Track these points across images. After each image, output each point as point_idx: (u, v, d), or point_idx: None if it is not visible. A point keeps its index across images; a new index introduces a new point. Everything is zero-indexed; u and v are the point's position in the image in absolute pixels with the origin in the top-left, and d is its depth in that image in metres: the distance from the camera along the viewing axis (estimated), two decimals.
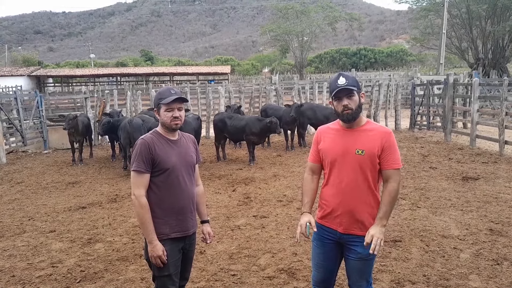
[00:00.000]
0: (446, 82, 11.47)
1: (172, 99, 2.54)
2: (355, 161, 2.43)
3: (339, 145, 2.49)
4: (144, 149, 2.50)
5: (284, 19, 49.32)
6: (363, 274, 2.54)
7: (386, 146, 2.42)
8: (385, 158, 2.42)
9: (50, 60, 77.96)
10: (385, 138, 2.43)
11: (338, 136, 2.53)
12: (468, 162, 8.64)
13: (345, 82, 2.41)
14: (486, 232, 4.78)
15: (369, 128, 2.49)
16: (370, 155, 2.41)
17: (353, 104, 2.42)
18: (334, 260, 2.61)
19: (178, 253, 2.62)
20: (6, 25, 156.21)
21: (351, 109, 2.42)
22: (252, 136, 9.13)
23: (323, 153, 2.58)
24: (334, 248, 2.57)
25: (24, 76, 37.30)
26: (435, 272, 3.86)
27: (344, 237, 2.51)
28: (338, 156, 2.48)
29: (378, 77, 29.35)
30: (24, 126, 11.61)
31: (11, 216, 6.10)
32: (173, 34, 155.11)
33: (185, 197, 2.63)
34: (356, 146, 2.43)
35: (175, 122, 2.58)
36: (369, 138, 2.44)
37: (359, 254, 2.47)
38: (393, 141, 2.45)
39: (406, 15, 50.70)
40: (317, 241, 2.63)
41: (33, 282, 3.99)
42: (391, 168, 2.43)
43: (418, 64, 53.39)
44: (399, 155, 2.49)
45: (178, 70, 41.67)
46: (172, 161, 2.56)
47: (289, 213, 5.73)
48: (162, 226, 2.55)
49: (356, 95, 2.43)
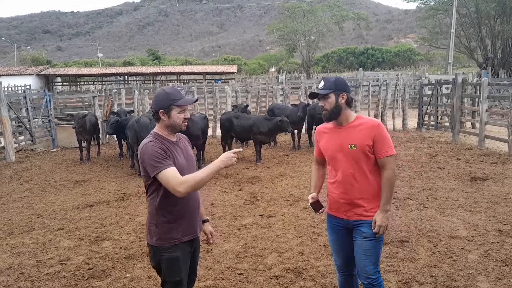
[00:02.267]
0: (455, 82, 11.37)
1: (192, 101, 2.59)
2: (350, 156, 2.65)
3: (334, 143, 2.72)
4: (156, 149, 2.41)
5: (291, 19, 49.25)
6: (369, 257, 2.67)
7: (377, 137, 2.61)
8: (378, 148, 2.62)
9: (59, 59, 78.59)
10: (374, 130, 2.62)
11: (332, 134, 2.76)
12: (477, 162, 8.57)
13: (322, 85, 2.71)
14: (494, 233, 4.74)
15: (358, 123, 2.69)
16: (362, 149, 2.62)
17: (328, 105, 2.67)
18: (349, 244, 2.80)
19: (188, 256, 2.60)
20: (15, 25, 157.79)
21: (327, 110, 2.69)
22: (260, 135, 9.14)
23: (323, 151, 2.84)
24: (345, 234, 2.79)
25: (33, 75, 37.73)
26: (442, 273, 3.84)
27: (350, 223, 2.73)
28: (334, 153, 2.72)
29: (385, 76, 29.21)
30: (33, 125, 11.72)
31: (20, 213, 6.17)
32: (180, 34, 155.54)
33: (194, 198, 2.60)
34: (349, 142, 2.65)
35: (185, 123, 2.56)
36: (359, 133, 2.64)
37: (363, 233, 2.67)
38: (383, 132, 2.64)
39: (414, 14, 50.26)
40: (330, 229, 2.90)
41: (42, 279, 4.03)
42: (384, 156, 2.62)
43: (426, 63, 53.06)
44: (390, 143, 2.66)
45: (185, 70, 41.84)
46: (180, 162, 2.50)
47: (295, 212, 5.73)
48: (174, 230, 2.50)
49: (331, 97, 2.66)
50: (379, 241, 2.70)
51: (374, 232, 2.61)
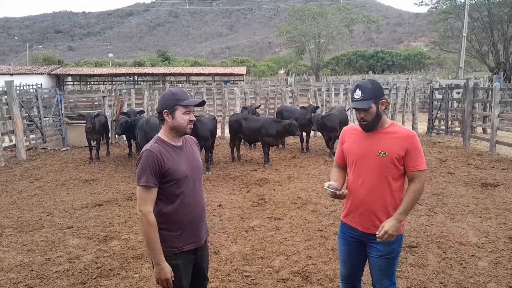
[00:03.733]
0: (466, 86, 11.26)
1: (197, 101, 2.45)
2: (377, 163, 2.48)
3: (362, 146, 2.55)
4: (152, 162, 2.31)
5: (301, 21, 49.21)
6: (385, 272, 2.57)
7: (410, 148, 2.45)
8: (410, 161, 2.47)
9: (70, 59, 79.38)
10: (408, 140, 2.47)
11: (362, 137, 2.58)
12: (488, 168, 8.47)
13: (360, 96, 2.48)
14: (505, 240, 4.68)
15: (393, 130, 2.53)
16: (392, 158, 2.45)
17: (369, 116, 2.49)
18: (358, 257, 2.68)
19: (190, 263, 2.51)
20: (27, 24, 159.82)
21: (367, 121, 2.51)
22: (268, 137, 9.13)
23: (346, 153, 2.67)
24: (357, 245, 2.65)
25: (44, 75, 38.20)
26: (452, 280, 3.79)
27: (364, 235, 2.58)
28: (360, 157, 2.55)
29: (395, 80, 29.02)
30: (43, 124, 11.84)
31: (30, 211, 6.23)
32: (190, 35, 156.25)
33: (197, 206, 2.50)
34: (379, 148, 2.48)
35: (190, 126, 2.45)
36: (392, 141, 2.48)
37: (380, 252, 2.52)
38: (417, 144, 2.49)
39: (425, 18, 49.94)
40: (341, 238, 2.75)
41: (51, 277, 4.06)
42: (416, 170, 2.47)
43: (436, 67, 52.59)
44: (423, 157, 2.52)
45: (195, 71, 42.04)
46: (183, 170, 2.40)
47: (303, 215, 5.71)
48: (175, 240, 2.41)
49: (373, 107, 2.47)
50: (396, 257, 2.58)
51: (378, 236, 2.40)
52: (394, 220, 2.42)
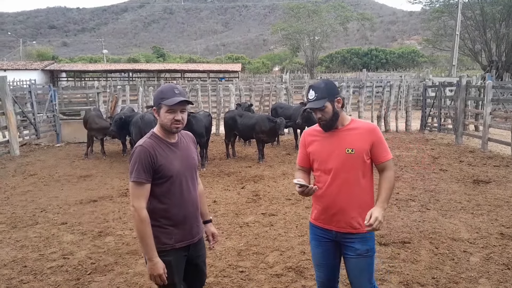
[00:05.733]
0: (459, 84, 11.35)
1: (176, 101, 2.30)
2: (346, 160, 2.47)
3: (328, 146, 2.53)
4: (144, 157, 2.29)
5: (296, 18, 49.28)
6: (364, 273, 2.53)
7: (375, 141, 2.49)
8: (377, 153, 2.50)
9: (64, 55, 78.82)
10: (372, 134, 2.50)
11: (325, 138, 2.56)
12: (479, 165, 8.55)
13: (314, 96, 2.48)
14: (496, 236, 4.74)
15: (355, 126, 2.53)
16: (360, 153, 2.46)
17: (326, 115, 2.48)
18: (333, 258, 2.64)
19: (183, 259, 2.49)
20: (21, 20, 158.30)
21: (325, 120, 2.49)
22: (262, 134, 9.14)
23: (313, 156, 2.61)
24: (332, 246, 2.60)
25: (38, 70, 37.86)
26: (444, 275, 3.84)
27: (339, 235, 2.54)
28: (327, 157, 2.52)
29: (389, 77, 29.14)
30: (37, 120, 11.77)
31: (24, 207, 6.20)
32: (185, 32, 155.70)
33: (189, 204, 2.46)
34: (345, 146, 2.47)
35: (176, 126, 2.36)
36: (357, 137, 2.49)
37: (357, 250, 2.49)
38: (381, 136, 2.53)
39: (418, 16, 50.24)
40: (314, 241, 2.67)
41: (45, 273, 4.06)
42: (385, 160, 2.51)
43: (429, 65, 52.87)
44: (387, 146, 2.56)
45: (189, 67, 41.89)
46: (175, 167, 2.37)
47: (297, 211, 5.74)
48: (166, 236, 2.39)
49: (328, 106, 2.45)
50: (373, 255, 2.56)
51: (367, 224, 2.30)
52: (380, 208, 2.39)
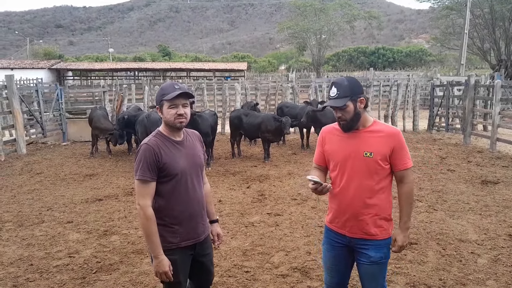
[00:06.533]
0: (467, 83, 11.23)
1: (175, 94, 2.30)
2: (363, 164, 2.35)
3: (346, 148, 2.41)
4: (149, 155, 2.30)
5: (302, 17, 49.10)
6: (376, 279, 2.48)
7: (397, 147, 2.36)
8: (397, 160, 2.37)
9: (70, 54, 79.36)
10: (394, 139, 2.36)
11: (344, 137, 2.44)
12: (488, 165, 8.46)
13: (335, 93, 2.35)
14: (505, 238, 4.68)
15: (377, 129, 2.40)
16: (378, 157, 2.34)
17: (347, 115, 2.35)
18: (345, 263, 2.57)
19: (188, 258, 2.49)
20: (28, 19, 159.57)
21: (345, 120, 2.37)
22: (268, 134, 9.11)
23: (328, 156, 2.52)
24: (344, 251, 2.53)
25: (44, 69, 38.17)
26: (451, 277, 3.79)
27: (353, 241, 2.46)
28: (344, 159, 2.41)
29: (396, 76, 28.96)
30: (44, 118, 11.83)
31: (30, 206, 6.24)
32: (191, 30, 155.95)
33: (195, 203, 2.46)
34: (364, 149, 2.35)
35: (180, 120, 2.36)
36: (377, 140, 2.36)
37: (370, 257, 2.41)
38: (403, 141, 2.40)
39: (426, 15, 49.92)
40: (327, 244, 2.60)
41: (51, 271, 4.07)
42: (404, 168, 2.39)
43: (437, 64, 52.51)
44: (409, 154, 2.43)
45: (195, 66, 41.92)
46: (180, 165, 2.37)
47: (303, 211, 5.71)
48: (171, 235, 2.39)
49: (349, 105, 2.33)
50: (386, 261, 2.50)
51: (393, 251, 2.35)
52: (403, 231, 2.43)
